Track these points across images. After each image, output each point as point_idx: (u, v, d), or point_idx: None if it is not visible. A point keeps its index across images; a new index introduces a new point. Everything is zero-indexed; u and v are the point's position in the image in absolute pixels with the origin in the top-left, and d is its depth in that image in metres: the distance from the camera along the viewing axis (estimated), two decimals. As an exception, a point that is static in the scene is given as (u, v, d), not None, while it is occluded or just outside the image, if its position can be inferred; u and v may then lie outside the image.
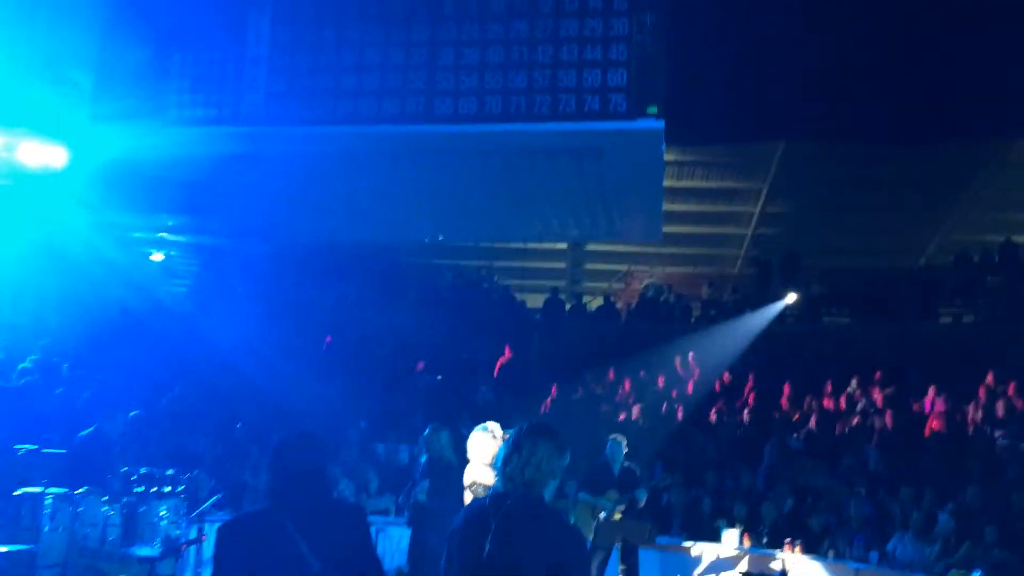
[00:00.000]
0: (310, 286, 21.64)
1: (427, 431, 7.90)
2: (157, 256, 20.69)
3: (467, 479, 6.38)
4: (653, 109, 9.00)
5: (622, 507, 8.62)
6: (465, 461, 6.79)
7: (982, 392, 12.40)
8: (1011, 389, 12.03)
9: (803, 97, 15.59)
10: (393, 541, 8.48)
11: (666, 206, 12.54)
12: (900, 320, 17.31)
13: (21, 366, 11.83)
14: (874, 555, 8.23)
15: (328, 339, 17.49)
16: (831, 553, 8.71)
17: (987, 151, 20.00)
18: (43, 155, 9.87)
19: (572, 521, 8.72)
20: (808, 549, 8.81)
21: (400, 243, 18.17)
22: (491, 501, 3.02)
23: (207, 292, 19.19)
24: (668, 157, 12.11)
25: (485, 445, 6.23)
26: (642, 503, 8.72)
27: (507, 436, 3.23)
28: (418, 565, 7.62)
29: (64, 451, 8.25)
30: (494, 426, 6.40)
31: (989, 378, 12.96)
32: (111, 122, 9.76)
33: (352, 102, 9.42)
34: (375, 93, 9.34)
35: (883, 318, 17.57)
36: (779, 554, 8.88)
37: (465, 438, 7.03)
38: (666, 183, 12.40)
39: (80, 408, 10.86)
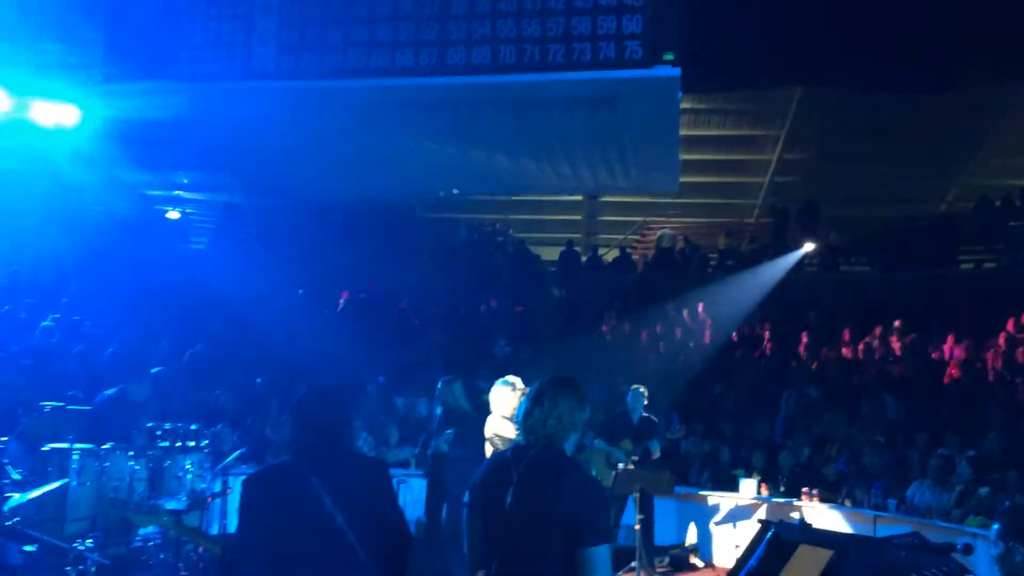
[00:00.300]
0: (327, 242, 21.69)
1: (440, 383, 8.02)
2: (173, 214, 20.75)
3: (488, 431, 6.44)
4: (669, 56, 8.86)
5: (636, 457, 8.68)
6: (481, 411, 6.85)
7: (1002, 339, 12.33)
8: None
9: (821, 42, 15.32)
10: (414, 493, 8.59)
11: (682, 155, 12.40)
12: (919, 267, 17.17)
13: (43, 324, 11.96)
14: (892, 502, 8.25)
15: (345, 295, 17.55)
16: (848, 501, 8.75)
17: (1009, 94, 19.64)
18: (55, 115, 9.86)
19: (592, 471, 8.80)
20: (826, 497, 8.86)
21: (415, 198, 18.13)
22: (513, 453, 3.04)
23: (225, 249, 19.25)
24: (684, 105, 11.94)
25: (506, 398, 6.28)
26: (656, 454, 8.75)
27: (528, 390, 3.24)
28: (436, 514, 7.75)
29: (89, 408, 8.37)
30: (515, 379, 6.44)
31: (1010, 324, 12.88)
32: (122, 81, 9.71)
33: (364, 55, 9.32)
34: (388, 45, 9.23)
35: (902, 266, 17.42)
36: (797, 503, 8.94)
37: (483, 391, 7.07)
38: (682, 132, 12.25)
39: (103, 364, 11.00)
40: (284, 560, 2.96)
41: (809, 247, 18.40)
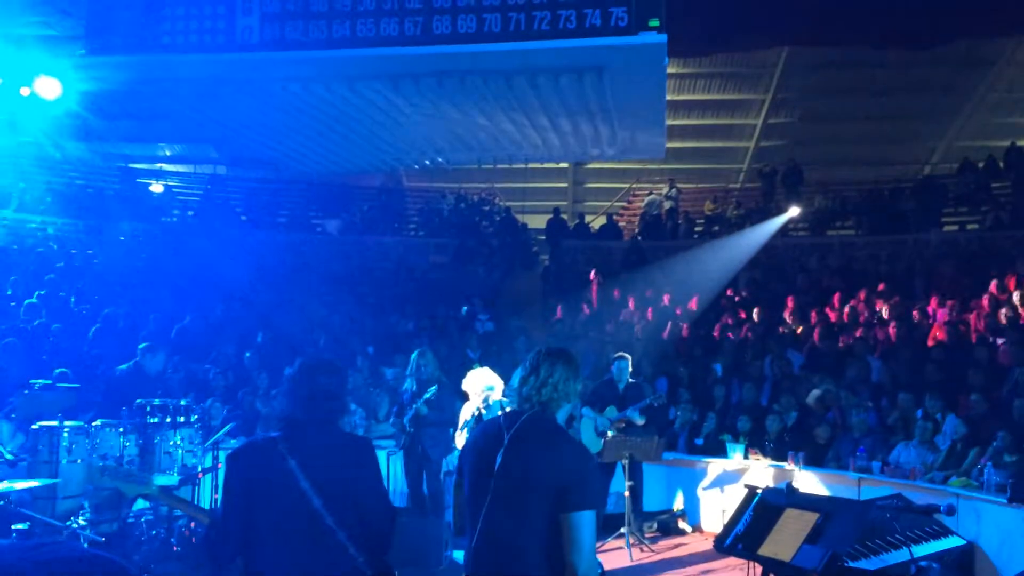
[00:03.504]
0: (314, 213, 21.63)
1: (414, 355, 8.29)
2: (157, 187, 20.61)
3: (465, 413, 6.63)
4: (655, 22, 8.79)
5: (622, 424, 8.77)
6: (453, 380, 7.05)
7: (985, 301, 12.43)
8: (1015, 295, 12.05)
9: (805, 2, 15.27)
10: (403, 464, 8.63)
11: (668, 120, 12.40)
12: (904, 230, 17.26)
13: (28, 302, 11.89)
14: (876, 465, 8.36)
15: (333, 267, 17.54)
16: (834, 464, 8.86)
17: (993, 51, 19.67)
18: (36, 88, 9.72)
19: (582, 439, 8.88)
20: (812, 460, 8.96)
21: (401, 167, 18.07)
22: (505, 418, 3.08)
23: (210, 222, 19.14)
24: (669, 70, 11.89)
25: (481, 380, 6.53)
26: (639, 422, 8.82)
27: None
28: (417, 482, 7.84)
29: (78, 385, 8.38)
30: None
31: (992, 286, 12.97)
32: (105, 53, 9.58)
33: (349, 24, 9.22)
34: (372, 14, 9.13)
35: (887, 229, 17.50)
36: (783, 466, 9.04)
37: (472, 361, 7.18)
38: (668, 97, 12.22)
39: (89, 341, 10.97)
40: (260, 539, 2.97)
41: (795, 211, 18.47)
